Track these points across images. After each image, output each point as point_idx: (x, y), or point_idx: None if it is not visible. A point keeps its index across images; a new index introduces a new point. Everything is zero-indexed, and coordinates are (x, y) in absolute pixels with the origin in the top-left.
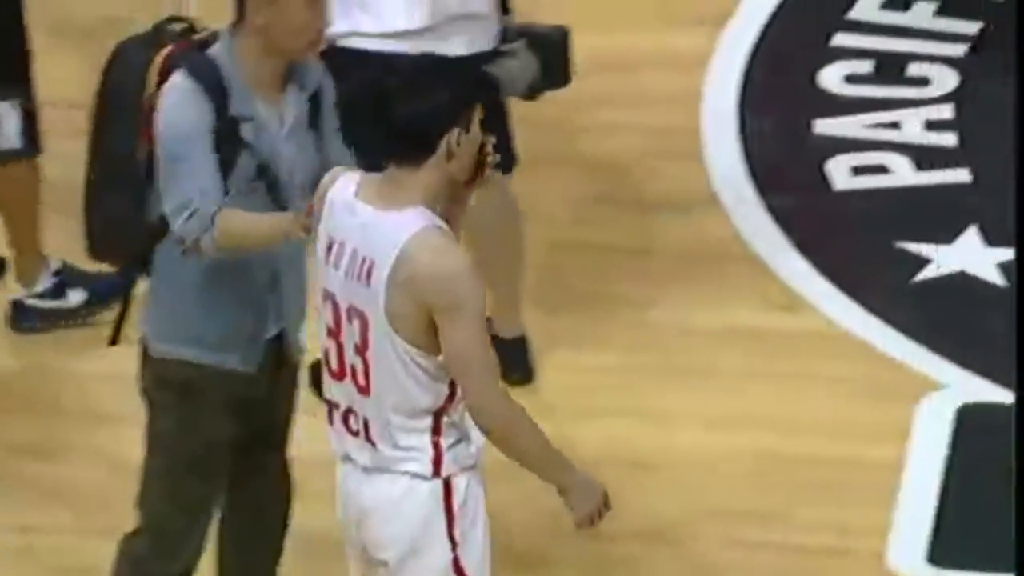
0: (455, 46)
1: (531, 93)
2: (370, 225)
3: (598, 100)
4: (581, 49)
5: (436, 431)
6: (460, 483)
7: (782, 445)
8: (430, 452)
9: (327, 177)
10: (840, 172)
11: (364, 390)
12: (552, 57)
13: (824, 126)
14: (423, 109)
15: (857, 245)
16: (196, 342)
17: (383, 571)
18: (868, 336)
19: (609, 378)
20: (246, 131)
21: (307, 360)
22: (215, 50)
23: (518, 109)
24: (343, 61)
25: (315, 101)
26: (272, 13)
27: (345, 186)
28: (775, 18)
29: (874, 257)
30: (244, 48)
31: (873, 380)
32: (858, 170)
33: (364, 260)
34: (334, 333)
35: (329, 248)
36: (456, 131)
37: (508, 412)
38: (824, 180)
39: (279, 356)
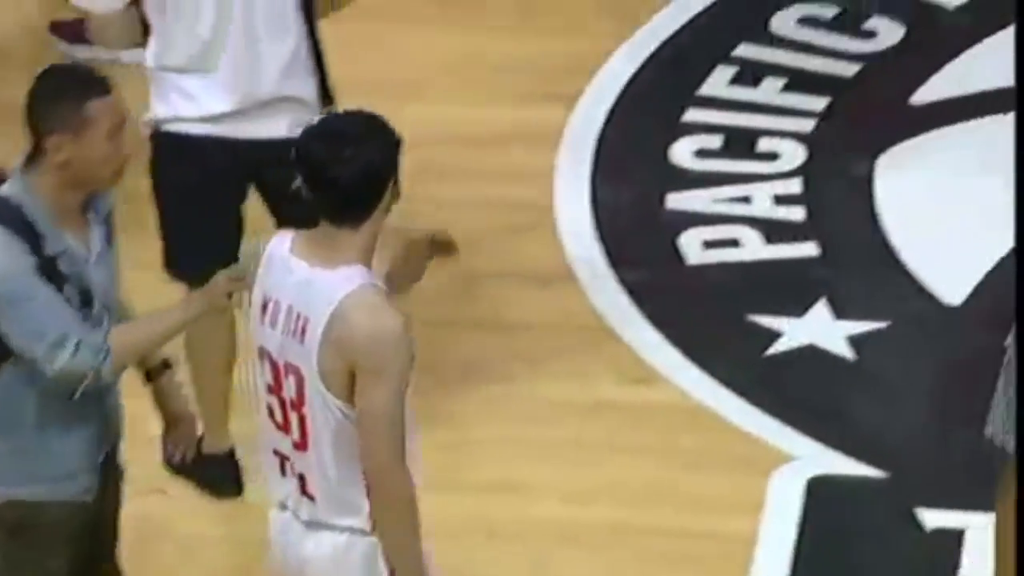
0: (275, 129)
1: None
2: (306, 283)
3: (453, 174)
4: (438, 122)
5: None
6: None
7: (637, 517)
8: (366, 507)
9: (261, 239)
10: (692, 246)
11: (300, 445)
12: None
13: (676, 200)
14: (368, 167)
15: (710, 318)
16: (32, 479)
17: None
18: (721, 409)
19: (464, 452)
20: (63, 265)
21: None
22: (8, 190)
23: None
24: (165, 145)
25: (109, 221)
26: (74, 149)
27: (281, 242)
28: (627, 94)
29: (726, 330)
30: (43, 185)
31: (726, 452)
32: (709, 244)
33: (299, 317)
34: (275, 390)
35: (264, 306)
36: (392, 182)
37: (405, 483)
38: (677, 254)
39: (108, 470)
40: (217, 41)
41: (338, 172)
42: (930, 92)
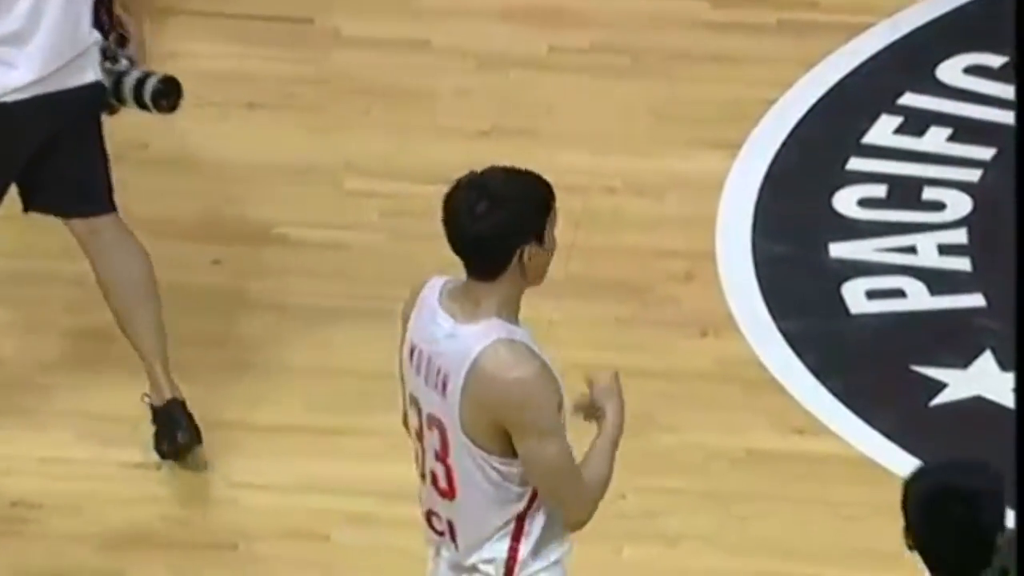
0: (85, 76)
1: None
2: (448, 337)
3: (614, 222)
4: (599, 171)
5: (517, 536)
6: None
7: (796, 570)
8: (504, 556)
9: (423, 283)
10: (856, 296)
11: (447, 494)
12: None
13: (839, 250)
14: (496, 227)
15: (873, 369)
16: None
17: None
18: (884, 460)
19: (619, 501)
20: None
21: None
22: None
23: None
24: None
25: None
26: None
27: (432, 290)
28: (790, 141)
29: (890, 381)
30: None
31: (889, 505)
32: (873, 294)
33: (439, 371)
34: (420, 436)
35: (412, 352)
36: (528, 246)
37: (595, 504)
38: (840, 304)
39: None
40: (37, 13)
41: (469, 226)
42: None
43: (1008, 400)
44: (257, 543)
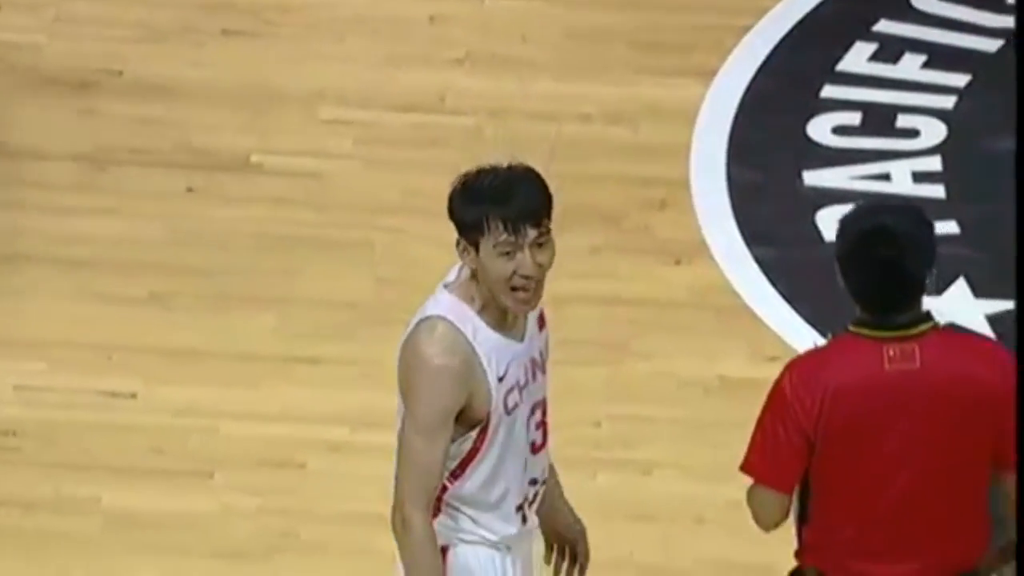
0: None
1: None
2: (432, 294)
3: (589, 150)
4: (574, 98)
5: (436, 511)
6: (459, 552)
7: None
8: None
9: None
10: (830, 223)
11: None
12: None
13: (813, 177)
14: (451, 210)
15: (847, 296)
16: None
17: None
18: None
19: (594, 429)
20: None
21: None
22: None
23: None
24: None
25: None
26: None
27: None
28: (764, 69)
29: None
30: None
31: None
32: None
33: None
34: None
35: None
36: (463, 240)
37: (410, 526)
38: (815, 231)
39: None
40: None
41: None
42: None
43: (980, 326)
44: (233, 471)
